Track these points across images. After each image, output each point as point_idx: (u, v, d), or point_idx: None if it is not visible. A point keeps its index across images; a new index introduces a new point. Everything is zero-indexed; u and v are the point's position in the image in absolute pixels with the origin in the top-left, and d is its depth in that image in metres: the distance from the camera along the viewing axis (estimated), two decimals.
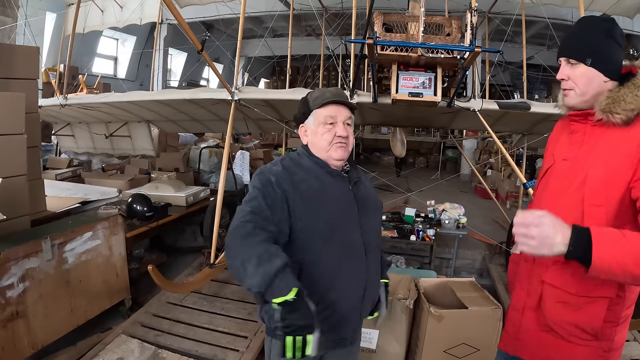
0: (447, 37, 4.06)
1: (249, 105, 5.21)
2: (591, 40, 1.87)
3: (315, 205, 1.94)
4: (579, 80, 1.89)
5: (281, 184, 1.91)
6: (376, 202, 2.28)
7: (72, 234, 3.99)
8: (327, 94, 2.07)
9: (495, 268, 6.37)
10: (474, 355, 3.58)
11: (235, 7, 9.65)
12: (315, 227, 1.93)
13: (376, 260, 2.20)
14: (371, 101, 4.86)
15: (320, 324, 1.59)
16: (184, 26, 3.93)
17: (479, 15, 10.79)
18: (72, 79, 9.40)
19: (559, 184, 1.99)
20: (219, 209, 4.59)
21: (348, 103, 2.09)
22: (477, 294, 3.86)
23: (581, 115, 1.95)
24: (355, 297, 2.05)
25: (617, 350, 1.99)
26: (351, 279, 2.01)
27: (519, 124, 6.42)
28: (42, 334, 3.60)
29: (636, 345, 4.22)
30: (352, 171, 2.18)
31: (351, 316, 2.07)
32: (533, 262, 2.05)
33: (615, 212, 1.78)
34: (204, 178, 9.28)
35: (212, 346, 3.95)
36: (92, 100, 6.60)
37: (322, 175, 2.04)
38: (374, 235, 2.19)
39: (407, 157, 15.68)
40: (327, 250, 1.94)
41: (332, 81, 19.20)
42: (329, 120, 2.03)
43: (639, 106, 1.76)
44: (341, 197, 2.06)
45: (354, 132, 3.01)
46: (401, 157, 10.18)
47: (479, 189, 11.24)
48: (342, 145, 2.04)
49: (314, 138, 2.08)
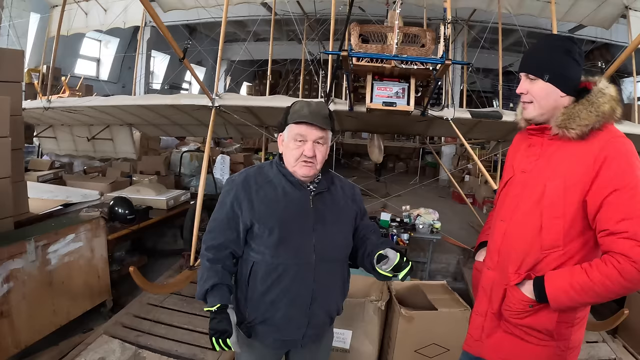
0: (421, 48, 4.13)
1: (229, 111, 5.26)
2: (549, 58, 1.98)
3: (266, 213, 2.12)
4: (537, 94, 1.99)
5: (238, 196, 2.16)
6: (342, 214, 2.29)
7: (56, 235, 4.03)
8: (304, 109, 2.11)
9: (469, 272, 6.42)
10: (444, 355, 3.67)
11: (217, 11, 9.69)
12: (264, 233, 2.10)
13: (333, 272, 2.26)
14: (347, 109, 4.94)
15: (263, 321, 2.16)
16: (167, 35, 3.97)
17: (458, 23, 10.99)
18: (54, 81, 9.38)
19: (517, 196, 2.09)
20: (198, 213, 4.63)
21: (321, 125, 2.10)
22: (447, 297, 3.96)
23: (538, 129, 2.06)
24: (300, 303, 2.16)
25: (575, 349, 2.10)
26: (295, 285, 2.13)
27: (493, 132, 6.54)
28: (25, 334, 3.64)
29: (604, 346, 4.37)
30: (322, 182, 2.25)
31: (297, 320, 2.18)
32: (495, 270, 2.17)
33: (571, 223, 1.90)
34: (184, 182, 9.30)
35: (192, 346, 4.00)
36: (76, 104, 6.60)
37: (283, 183, 2.17)
38: (333, 246, 2.23)
39: (387, 162, 15.76)
40: (273, 254, 2.10)
41: (314, 86, 19.20)
42: (298, 138, 2.11)
43: (592, 122, 1.86)
44: (296, 206, 2.15)
45: (334, 137, 3.11)
46: (378, 162, 10.24)
47: (457, 194, 11.26)
48: (308, 165, 2.12)
49: (286, 150, 2.18)
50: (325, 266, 2.18)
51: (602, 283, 1.77)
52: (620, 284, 1.75)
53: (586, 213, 1.88)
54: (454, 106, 5.02)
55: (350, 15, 3.81)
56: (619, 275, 1.73)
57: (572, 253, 1.93)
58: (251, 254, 2.16)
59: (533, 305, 1.98)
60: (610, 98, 1.91)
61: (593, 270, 1.80)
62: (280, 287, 2.12)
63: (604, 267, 1.78)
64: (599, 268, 1.80)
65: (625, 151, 1.84)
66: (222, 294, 2.10)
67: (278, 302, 2.13)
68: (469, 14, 10.78)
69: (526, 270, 2.02)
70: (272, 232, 2.09)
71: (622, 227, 1.75)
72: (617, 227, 1.76)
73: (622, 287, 1.76)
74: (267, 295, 2.13)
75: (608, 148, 1.83)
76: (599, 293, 1.80)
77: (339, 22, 5.66)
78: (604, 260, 1.80)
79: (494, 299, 2.15)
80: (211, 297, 2.09)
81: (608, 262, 1.77)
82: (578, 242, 1.93)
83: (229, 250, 2.17)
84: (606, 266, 1.77)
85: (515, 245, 2.07)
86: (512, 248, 2.07)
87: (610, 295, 1.82)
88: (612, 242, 1.78)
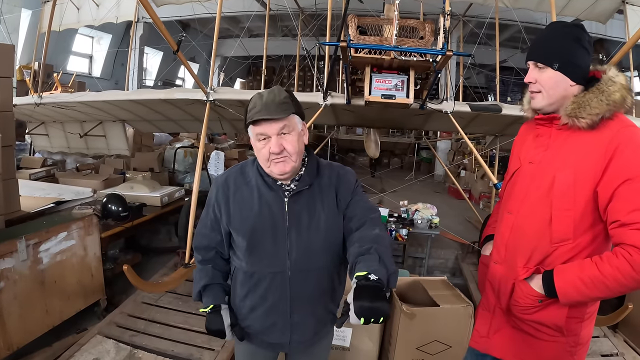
0: (420, 40, 4.09)
1: (224, 105, 5.22)
2: (559, 46, 1.93)
3: (239, 218, 2.03)
4: (546, 83, 1.94)
5: (218, 198, 2.10)
6: (323, 213, 2.03)
7: (47, 234, 3.97)
8: (257, 105, 1.89)
9: (467, 267, 6.46)
10: (446, 352, 3.64)
11: (211, 6, 9.63)
12: (240, 236, 2.02)
13: (310, 280, 2.05)
14: (345, 102, 4.90)
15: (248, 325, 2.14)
16: (161, 27, 3.92)
17: (454, 18, 10.98)
18: (46, 77, 9.29)
19: (525, 187, 2.05)
20: (193, 209, 4.59)
21: (277, 115, 1.87)
22: (448, 292, 3.92)
23: (547, 119, 2.01)
24: (279, 311, 2.06)
25: (584, 345, 2.07)
26: (270, 293, 2.04)
27: (491, 126, 6.52)
28: (17, 335, 3.58)
29: (606, 341, 4.36)
30: (304, 178, 2.05)
31: (279, 327, 2.10)
32: (503, 265, 2.13)
33: (581, 215, 1.86)
34: (178, 178, 9.24)
35: (188, 345, 3.96)
36: (68, 100, 6.52)
37: (259, 184, 2.03)
38: (309, 253, 2.01)
39: (382, 157, 15.76)
40: (249, 259, 2.02)
41: (308, 81, 19.23)
42: (260, 138, 1.91)
43: (603, 111, 1.82)
44: (269, 210, 2.00)
45: (331, 132, 3.02)
46: (375, 158, 10.21)
47: (453, 189, 11.32)
48: (280, 161, 1.92)
49: (256, 153, 1.98)
50: (302, 276, 2.03)
51: (614, 276, 1.73)
52: (632, 277, 1.71)
53: (597, 204, 1.84)
54: (453, 99, 4.98)
55: (347, 6, 3.76)
56: (631, 268, 1.69)
57: (582, 246, 1.89)
58: (233, 258, 2.12)
59: (542, 300, 1.96)
60: (621, 86, 1.86)
61: (604, 263, 1.77)
62: (257, 295, 2.06)
63: (615, 260, 1.74)
64: (610, 261, 1.76)
65: (637, 140, 1.80)
66: (215, 294, 2.11)
67: (257, 308, 2.09)
68: (464, 8, 10.80)
69: (535, 264, 1.99)
70: (244, 239, 2.01)
71: (634, 218, 1.71)
72: (629, 217, 1.72)
73: (634, 280, 1.71)
74: (246, 301, 2.10)
75: (619, 137, 1.79)
76: (610, 287, 1.76)
77: (335, 17, 5.59)
78: (615, 252, 1.76)
79: (502, 294, 2.13)
80: (205, 298, 2.11)
81: (619, 254, 1.73)
82: (588, 235, 1.89)
83: (215, 250, 2.17)
84: (617, 259, 1.73)
85: (523, 238, 2.03)
86: (521, 241, 2.04)
87: (622, 289, 1.78)
88: (623, 233, 1.74)
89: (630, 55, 7.31)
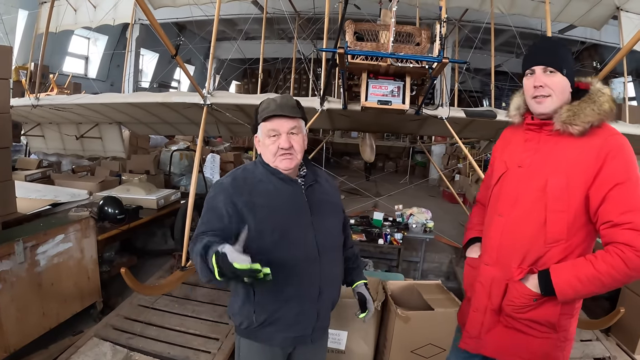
0: (416, 47, 4.11)
1: (221, 109, 5.23)
2: (565, 53, 2.04)
3: (264, 211, 2.08)
4: (556, 87, 2.00)
5: (231, 198, 2.09)
6: (335, 205, 2.39)
7: (44, 236, 3.97)
8: (271, 105, 2.12)
9: (461, 271, 6.37)
10: (440, 355, 3.66)
11: (208, 9, 9.67)
12: (266, 231, 2.06)
13: (333, 261, 2.31)
14: (341, 107, 4.91)
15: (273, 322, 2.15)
16: (160, 32, 3.94)
17: (449, 23, 11.02)
18: (42, 79, 9.29)
19: (515, 190, 2.11)
20: (190, 212, 4.60)
21: (290, 114, 2.12)
22: (443, 296, 3.96)
23: (538, 124, 2.09)
24: (310, 297, 2.19)
25: (571, 340, 2.17)
26: (304, 280, 2.15)
27: (486, 131, 6.54)
28: (14, 338, 3.58)
29: (599, 344, 4.41)
30: (308, 175, 2.30)
31: (308, 314, 2.21)
32: (495, 267, 2.17)
33: (574, 217, 1.95)
34: (174, 181, 9.22)
35: (184, 348, 3.98)
36: (64, 102, 6.52)
37: (274, 181, 2.16)
38: (331, 237, 2.29)
39: (377, 161, 15.75)
40: (278, 252, 2.06)
41: (304, 85, 19.18)
42: (272, 133, 2.12)
43: (594, 119, 1.92)
44: (292, 201, 2.17)
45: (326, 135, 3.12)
46: (370, 162, 10.23)
47: (447, 193, 11.31)
48: (287, 157, 2.13)
49: (263, 149, 2.20)
50: (327, 257, 2.22)
51: (608, 273, 1.84)
52: (625, 273, 1.82)
53: (588, 207, 1.94)
54: (448, 105, 5.00)
55: (345, 11, 3.78)
56: (624, 265, 1.80)
57: (574, 246, 1.99)
58: (257, 257, 1.99)
59: (537, 299, 2.03)
60: (609, 98, 1.98)
61: (598, 261, 1.87)
62: (290, 284, 2.11)
63: (609, 258, 1.84)
64: (604, 259, 1.86)
65: (625, 147, 1.92)
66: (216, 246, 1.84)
67: (290, 300, 2.15)
68: (460, 13, 10.84)
69: (529, 264, 2.06)
70: (274, 230, 2.07)
71: (626, 219, 1.83)
72: (621, 218, 1.84)
73: (627, 275, 1.83)
74: (280, 294, 2.13)
75: (609, 144, 1.90)
76: (605, 283, 1.87)
77: (332, 21, 5.62)
78: (607, 251, 1.86)
79: (494, 295, 2.18)
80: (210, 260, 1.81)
81: (612, 252, 1.84)
82: (580, 235, 1.99)
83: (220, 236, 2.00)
84: (611, 256, 1.84)
85: (517, 240, 2.09)
86: (514, 243, 2.10)
87: (615, 284, 1.89)
88: (615, 233, 1.85)
89: (624, 61, 7.38)
